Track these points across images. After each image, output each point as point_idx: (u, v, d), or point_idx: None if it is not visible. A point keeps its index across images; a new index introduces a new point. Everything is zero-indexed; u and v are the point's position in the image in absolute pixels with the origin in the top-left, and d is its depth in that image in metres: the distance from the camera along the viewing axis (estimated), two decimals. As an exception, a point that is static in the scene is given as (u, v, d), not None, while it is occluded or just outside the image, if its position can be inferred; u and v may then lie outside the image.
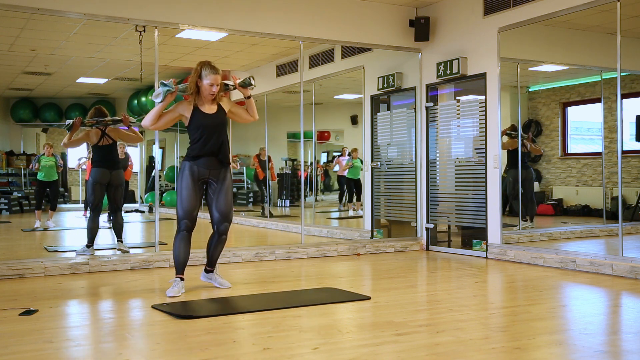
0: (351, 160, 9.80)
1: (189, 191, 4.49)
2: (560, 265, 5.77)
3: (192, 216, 4.53)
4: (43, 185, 9.69)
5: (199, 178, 4.54)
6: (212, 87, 4.47)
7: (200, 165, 4.52)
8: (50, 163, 9.54)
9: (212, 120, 4.53)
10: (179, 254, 4.53)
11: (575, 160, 7.89)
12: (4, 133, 13.82)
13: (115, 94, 13.57)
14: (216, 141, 4.54)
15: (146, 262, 5.90)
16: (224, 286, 4.75)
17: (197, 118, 4.50)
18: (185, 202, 4.49)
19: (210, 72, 4.45)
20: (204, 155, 4.52)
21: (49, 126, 14.32)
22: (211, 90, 4.47)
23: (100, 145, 6.35)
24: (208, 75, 4.45)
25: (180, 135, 13.55)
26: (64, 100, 13.95)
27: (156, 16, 6.04)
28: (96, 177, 6.29)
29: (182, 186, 4.50)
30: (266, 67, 9.32)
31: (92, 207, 6.31)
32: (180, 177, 4.52)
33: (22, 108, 13.70)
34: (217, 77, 4.48)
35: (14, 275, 5.35)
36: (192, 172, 4.51)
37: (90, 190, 6.34)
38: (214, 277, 4.80)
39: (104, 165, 6.32)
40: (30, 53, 8.75)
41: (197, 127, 4.50)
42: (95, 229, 6.25)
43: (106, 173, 6.31)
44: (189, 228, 4.54)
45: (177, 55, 8.61)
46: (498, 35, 6.46)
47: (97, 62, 9.59)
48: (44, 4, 5.55)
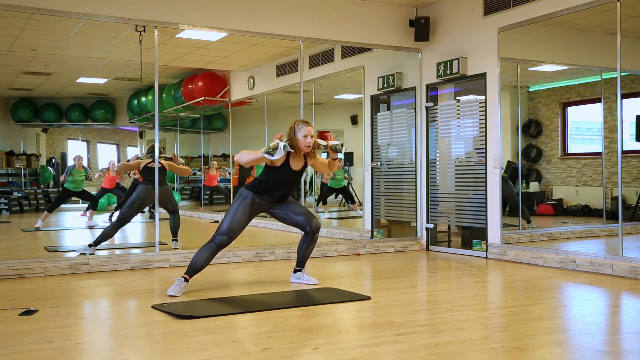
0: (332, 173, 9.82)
1: (244, 215, 4.65)
2: (560, 265, 5.77)
3: (233, 237, 4.66)
4: (69, 194, 9.92)
5: (258, 209, 4.73)
6: (307, 139, 4.64)
7: (262, 200, 4.71)
8: (81, 177, 9.77)
9: (295, 176, 4.75)
10: (198, 260, 4.58)
11: (575, 160, 7.89)
12: (4, 133, 13.82)
13: (115, 94, 13.58)
14: (287, 192, 4.80)
15: (146, 262, 5.90)
16: (311, 282, 4.93)
17: (283, 170, 4.67)
18: (235, 222, 4.62)
19: (302, 125, 4.66)
20: (271, 195, 4.73)
21: (49, 126, 14.32)
22: (306, 142, 4.65)
23: (149, 167, 6.72)
24: (301, 129, 4.64)
25: (180, 135, 13.57)
26: (64, 100, 13.95)
27: (156, 16, 6.04)
28: (140, 194, 6.57)
29: (239, 208, 4.64)
30: (266, 67, 9.33)
31: (120, 218, 6.50)
32: (241, 200, 4.67)
33: (22, 108, 13.70)
34: (310, 128, 4.68)
35: (14, 275, 5.35)
36: (253, 202, 4.68)
37: (129, 203, 6.56)
38: (302, 276, 4.99)
39: (150, 182, 6.62)
40: (30, 53, 8.76)
41: (278, 177, 4.68)
42: (110, 237, 6.44)
43: (152, 190, 6.52)
44: (223, 245, 4.63)
45: (177, 55, 8.62)
46: (498, 35, 6.46)
47: (97, 62, 9.60)
48: (44, 4, 5.55)
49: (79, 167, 9.74)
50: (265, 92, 9.62)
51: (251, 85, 9.84)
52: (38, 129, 14.34)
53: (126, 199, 6.96)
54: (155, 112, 6.40)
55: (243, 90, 10.13)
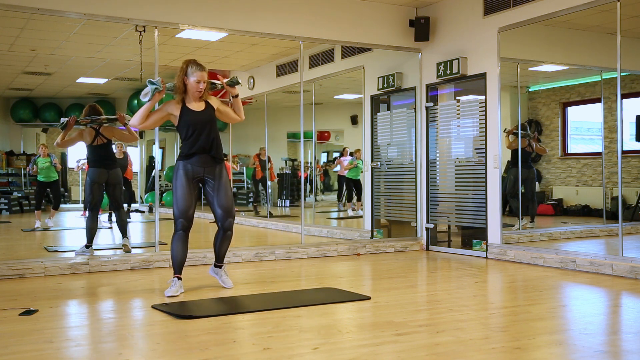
0: (355, 160, 9.80)
1: (184, 190, 4.49)
2: (560, 265, 5.77)
3: (188, 215, 4.52)
4: (43, 186, 9.69)
5: (194, 177, 4.54)
6: (199, 84, 4.48)
7: (194, 164, 4.52)
8: (46, 164, 9.53)
9: (201, 116, 4.53)
10: (176, 254, 4.53)
11: (575, 160, 7.89)
12: (4, 133, 13.82)
13: (115, 94, 13.57)
14: (207, 137, 4.53)
15: (146, 262, 5.90)
16: (226, 285, 4.76)
17: (185, 116, 4.51)
18: (181, 201, 4.48)
19: (196, 69, 4.48)
20: (196, 152, 4.52)
21: (49, 126, 14.31)
22: (198, 87, 4.48)
23: (95, 145, 6.32)
24: (194, 73, 4.47)
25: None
26: (64, 100, 13.94)
27: (156, 16, 6.04)
28: (93, 176, 6.26)
29: (177, 185, 4.50)
30: (266, 67, 9.33)
31: (90, 207, 6.29)
32: (175, 177, 4.52)
33: (22, 108, 13.70)
34: (204, 73, 4.50)
35: (14, 275, 5.35)
36: (186, 171, 4.51)
37: (88, 190, 6.31)
38: (220, 273, 4.82)
39: (100, 164, 6.29)
40: (30, 53, 8.75)
41: (186, 124, 4.50)
42: (94, 229, 6.23)
43: (103, 172, 6.29)
44: (186, 227, 4.54)
45: (177, 55, 8.59)
46: (498, 35, 6.46)
47: (97, 62, 9.59)
48: (44, 4, 5.55)
49: (44, 155, 9.52)
50: (265, 92, 9.62)
51: (251, 85, 9.84)
52: (38, 129, 14.34)
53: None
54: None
55: (243, 90, 10.11)
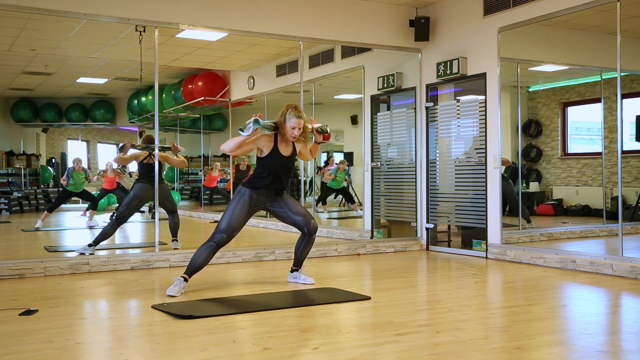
0: (334, 173, 9.86)
1: (243, 212, 4.64)
2: (560, 265, 5.77)
3: (232, 235, 4.64)
4: (69, 194, 9.98)
5: (256, 205, 4.73)
6: (294, 131, 4.65)
7: (260, 194, 4.71)
8: (81, 180, 9.84)
9: (286, 162, 4.75)
10: (197, 259, 4.58)
11: (575, 160, 7.90)
12: (4, 133, 13.82)
13: (115, 94, 13.58)
14: (283, 182, 4.78)
15: (146, 262, 5.90)
16: (307, 282, 4.95)
17: (273, 157, 4.68)
18: (234, 220, 4.62)
19: (294, 116, 4.63)
20: (267, 189, 4.73)
21: (49, 126, 14.33)
22: (293, 134, 4.66)
23: (146, 163, 6.69)
24: (292, 119, 4.62)
25: (180, 135, 13.57)
26: (64, 100, 13.95)
27: (156, 16, 6.04)
28: (138, 192, 6.53)
29: (238, 205, 4.64)
30: (266, 67, 9.33)
31: (118, 217, 6.46)
32: (239, 198, 4.67)
33: (22, 108, 13.71)
34: (301, 121, 4.65)
35: (14, 275, 5.35)
36: (251, 199, 4.68)
37: (126, 201, 6.53)
38: (298, 276, 5.00)
39: (147, 181, 6.59)
40: (30, 53, 8.76)
41: (270, 165, 4.68)
42: (109, 236, 6.39)
43: (149, 189, 6.54)
44: (223, 243, 4.63)
45: (177, 55, 8.62)
46: (498, 35, 6.46)
47: (97, 62, 9.60)
48: (44, 4, 5.55)
49: (78, 169, 9.83)
50: (265, 92, 9.62)
51: (251, 85, 9.85)
52: (38, 129, 14.35)
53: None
54: (155, 112, 6.40)
55: (243, 90, 10.13)
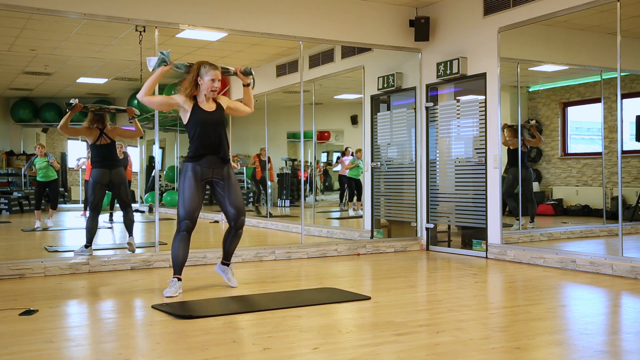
0: (356, 160, 9.82)
1: (192, 191, 4.50)
2: (560, 265, 5.77)
3: (194, 217, 4.54)
4: (42, 186, 9.70)
5: (202, 178, 4.55)
6: (214, 83, 4.50)
7: (203, 165, 4.53)
8: (44, 164, 9.53)
9: (212, 117, 4.54)
10: (177, 254, 4.53)
11: (575, 160, 7.90)
12: (4, 133, 13.82)
13: (115, 94, 13.57)
14: (215, 138, 4.54)
15: (146, 262, 5.90)
16: (231, 283, 4.81)
17: (196, 114, 4.51)
18: (188, 202, 4.49)
19: (209, 68, 4.50)
20: (205, 153, 4.53)
21: (49, 126, 14.31)
22: (213, 86, 4.50)
23: (99, 145, 6.32)
24: (208, 72, 4.49)
25: (180, 136, 13.56)
26: (64, 100, 13.94)
27: (156, 16, 6.04)
28: (96, 177, 6.26)
29: (185, 186, 4.50)
30: (266, 67, 9.33)
31: (91, 207, 6.28)
32: (183, 178, 4.52)
33: (22, 108, 13.69)
34: (217, 72, 4.52)
35: (14, 275, 5.35)
36: (195, 173, 4.51)
37: (90, 190, 6.31)
38: (226, 271, 4.86)
39: (103, 164, 6.29)
40: (30, 53, 8.75)
41: (196, 123, 4.51)
42: (94, 229, 6.22)
43: (106, 173, 6.28)
44: (190, 228, 4.55)
45: (177, 55, 8.56)
46: (498, 35, 6.46)
47: (97, 62, 9.59)
48: (44, 4, 5.55)
49: (41, 155, 9.51)
50: (265, 92, 9.62)
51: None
52: (38, 129, 14.34)
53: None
54: (155, 112, 6.40)
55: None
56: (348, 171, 9.99)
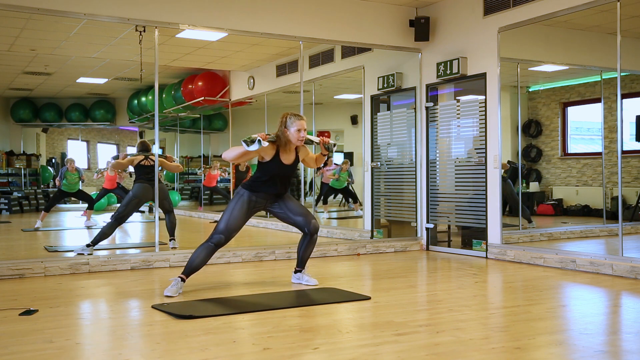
0: (338, 173, 9.85)
1: (241, 214, 4.61)
2: (560, 265, 5.77)
3: (230, 236, 4.62)
4: (65, 195, 10.00)
5: (256, 207, 4.70)
6: (300, 133, 4.58)
7: (259, 197, 4.68)
8: (75, 180, 9.85)
9: (287, 170, 4.69)
10: (195, 259, 4.57)
11: (575, 160, 7.89)
12: (4, 133, 13.82)
13: (115, 94, 13.58)
14: (282, 186, 4.73)
15: (146, 262, 5.90)
16: (311, 283, 4.90)
17: (274, 165, 4.63)
18: (232, 221, 4.58)
19: (295, 119, 4.59)
20: (266, 191, 4.69)
21: (49, 126, 14.32)
22: (299, 136, 4.58)
23: (143, 165, 6.74)
24: (295, 122, 4.57)
25: (180, 135, 13.57)
26: (64, 100, 13.95)
27: (156, 16, 6.04)
28: (137, 192, 6.55)
29: (237, 206, 4.60)
30: (266, 67, 9.33)
31: (117, 217, 6.42)
32: (238, 199, 4.64)
33: (22, 108, 13.70)
34: (303, 122, 4.61)
35: (14, 275, 5.35)
36: (250, 201, 4.64)
37: (125, 201, 6.52)
38: (302, 277, 4.95)
39: (145, 181, 6.63)
40: (30, 53, 8.76)
41: (271, 172, 4.64)
42: (107, 237, 6.35)
43: (148, 189, 6.57)
44: (221, 244, 4.60)
45: (177, 55, 8.62)
46: (498, 35, 6.46)
47: (97, 62, 9.60)
48: (44, 4, 5.55)
49: (72, 170, 9.82)
50: (265, 92, 9.62)
51: (251, 85, 9.84)
52: (38, 129, 14.34)
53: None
54: (155, 112, 6.40)
55: (243, 90, 10.13)
56: (330, 181, 10.01)
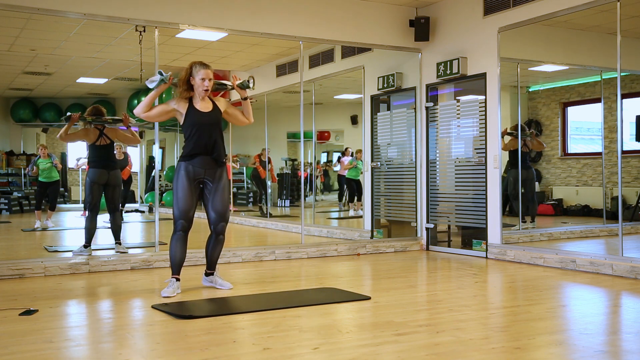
0: (355, 161, 9.82)
1: (185, 191, 4.50)
2: (560, 265, 5.77)
3: (189, 216, 4.54)
4: (44, 186, 9.72)
5: (195, 178, 4.54)
6: (205, 82, 4.48)
7: (195, 165, 4.52)
8: (47, 165, 9.55)
9: (207, 118, 4.53)
10: (175, 254, 4.55)
11: (575, 160, 7.89)
12: (4, 133, 13.81)
13: (115, 94, 13.57)
14: (210, 139, 4.53)
15: (146, 262, 5.90)
16: (224, 287, 4.74)
17: (191, 115, 4.50)
18: (182, 202, 4.49)
19: (200, 67, 4.49)
20: (198, 153, 4.52)
21: (49, 126, 14.31)
22: (204, 85, 4.48)
23: (98, 145, 6.33)
24: (199, 71, 4.48)
25: (180, 135, 13.55)
26: (64, 100, 13.94)
27: (156, 16, 6.04)
28: (93, 177, 6.25)
29: (178, 186, 4.50)
30: (266, 67, 9.33)
31: (89, 207, 6.28)
32: (176, 177, 4.52)
33: (22, 108, 13.69)
34: (208, 71, 4.51)
35: (14, 275, 5.35)
36: (187, 172, 4.51)
37: (88, 190, 6.31)
38: (214, 280, 4.79)
39: (101, 165, 6.30)
40: (30, 53, 8.75)
41: (191, 124, 4.50)
42: (93, 229, 6.22)
43: (104, 173, 6.29)
44: (185, 228, 4.55)
45: (177, 55, 8.61)
46: (498, 35, 6.46)
47: (97, 62, 9.59)
48: (44, 4, 5.55)
49: (44, 156, 9.53)
50: (265, 92, 9.62)
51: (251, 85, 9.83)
52: (38, 129, 14.34)
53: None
54: (156, 113, 6.38)
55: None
56: (347, 172, 10.00)
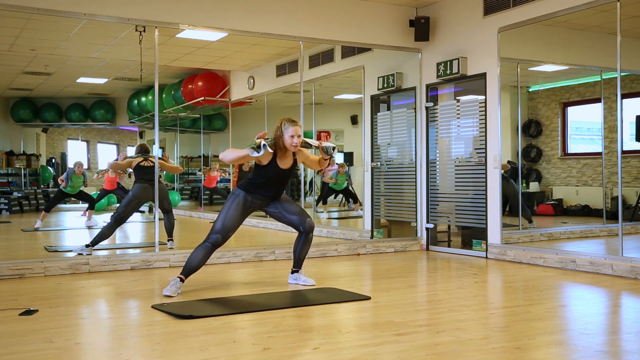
0: (335, 177, 9.88)
1: (237, 213, 4.63)
2: (560, 265, 5.77)
3: (227, 235, 4.62)
4: (65, 195, 10.00)
5: (251, 206, 4.71)
6: (294, 139, 4.58)
7: (255, 198, 4.70)
8: (79, 183, 9.86)
9: (283, 173, 4.70)
10: (193, 259, 4.57)
11: (575, 160, 7.89)
12: (4, 133, 13.82)
13: (115, 94, 13.58)
14: (279, 190, 4.76)
15: (146, 262, 5.90)
16: (308, 283, 4.88)
17: (271, 169, 4.63)
18: (229, 220, 4.60)
19: (289, 124, 4.59)
20: (262, 194, 4.72)
21: (49, 126, 14.32)
22: (293, 142, 4.58)
23: (142, 166, 6.77)
24: (288, 128, 4.58)
25: (180, 135, 13.57)
26: (64, 100, 13.95)
27: (156, 16, 6.04)
28: (136, 192, 6.56)
29: (232, 206, 4.62)
30: (266, 67, 9.33)
31: (117, 218, 6.40)
32: (233, 199, 4.65)
33: (22, 108, 13.70)
34: (297, 128, 4.61)
35: (14, 275, 5.35)
36: (245, 201, 4.66)
37: (125, 202, 6.51)
38: (298, 277, 4.95)
39: (145, 181, 6.65)
40: (30, 53, 8.76)
41: (266, 176, 4.65)
42: (106, 238, 6.35)
43: (148, 189, 6.59)
44: (218, 244, 4.61)
45: (177, 55, 8.62)
46: (498, 35, 6.46)
47: (97, 62, 9.60)
48: (44, 4, 5.55)
49: (79, 173, 9.80)
50: (265, 92, 9.62)
51: (251, 85, 9.84)
52: (38, 129, 14.34)
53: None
54: (155, 112, 6.41)
55: (243, 90, 10.13)
56: (330, 183, 10.05)
